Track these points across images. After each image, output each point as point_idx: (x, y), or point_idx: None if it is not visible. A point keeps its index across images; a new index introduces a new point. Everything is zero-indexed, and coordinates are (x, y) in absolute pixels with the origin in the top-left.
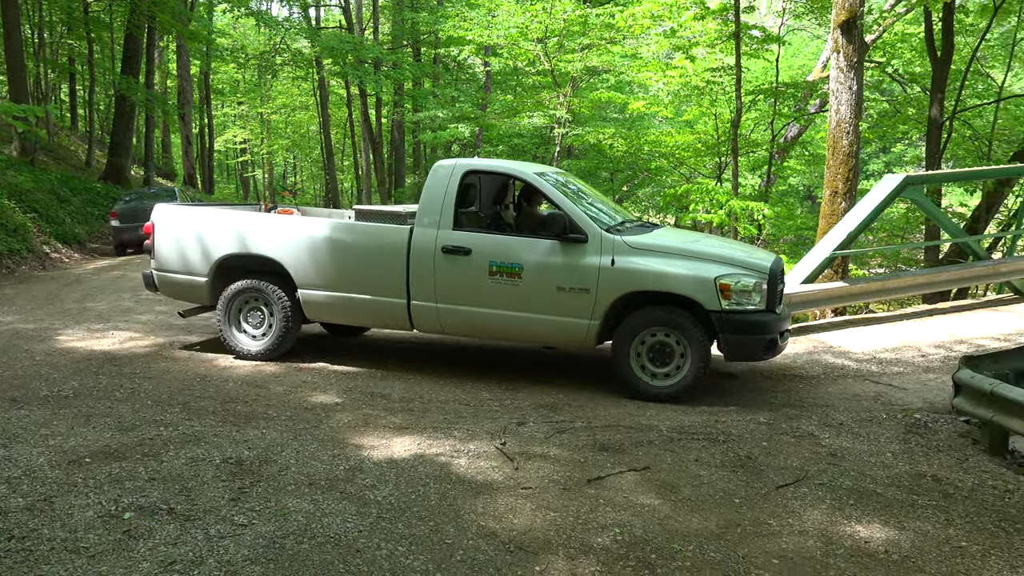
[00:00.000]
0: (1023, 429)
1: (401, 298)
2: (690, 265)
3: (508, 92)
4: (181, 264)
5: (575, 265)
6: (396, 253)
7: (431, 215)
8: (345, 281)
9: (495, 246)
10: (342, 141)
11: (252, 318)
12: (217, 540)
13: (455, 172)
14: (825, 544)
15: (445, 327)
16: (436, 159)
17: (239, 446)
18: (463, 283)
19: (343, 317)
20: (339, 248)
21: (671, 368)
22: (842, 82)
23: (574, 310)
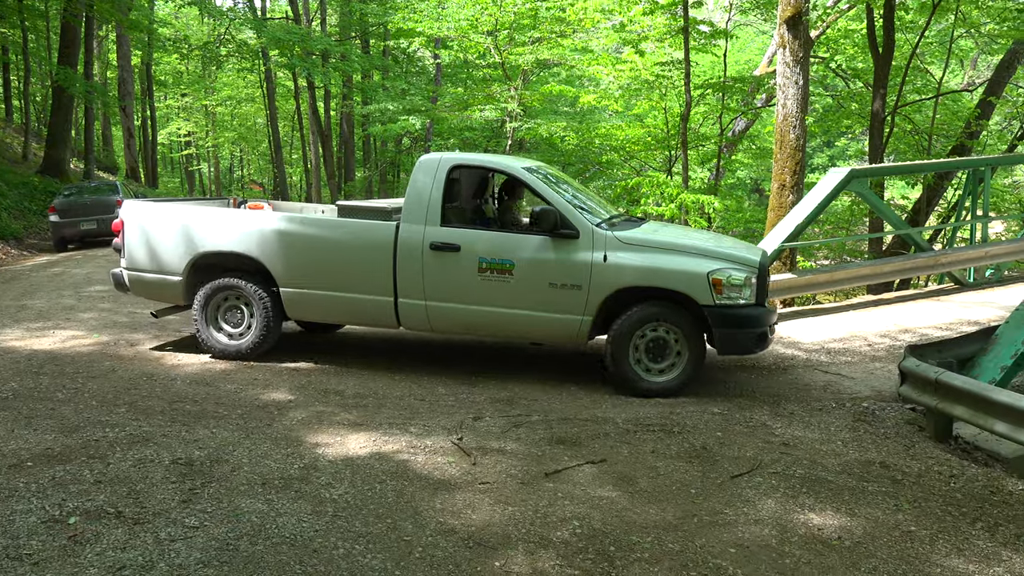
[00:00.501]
0: (967, 416)
1: (388, 296)
2: (682, 260)
3: (459, 85)
4: (153, 263)
5: (567, 261)
6: (382, 250)
7: (417, 211)
8: (328, 279)
9: (484, 242)
10: (290, 134)
11: (230, 317)
12: (168, 543)
13: (441, 167)
14: (780, 532)
15: (434, 325)
16: (386, 153)
17: (189, 446)
18: (452, 280)
19: (326, 315)
20: (322, 245)
21: (667, 364)
22: (788, 77)
23: (566, 306)
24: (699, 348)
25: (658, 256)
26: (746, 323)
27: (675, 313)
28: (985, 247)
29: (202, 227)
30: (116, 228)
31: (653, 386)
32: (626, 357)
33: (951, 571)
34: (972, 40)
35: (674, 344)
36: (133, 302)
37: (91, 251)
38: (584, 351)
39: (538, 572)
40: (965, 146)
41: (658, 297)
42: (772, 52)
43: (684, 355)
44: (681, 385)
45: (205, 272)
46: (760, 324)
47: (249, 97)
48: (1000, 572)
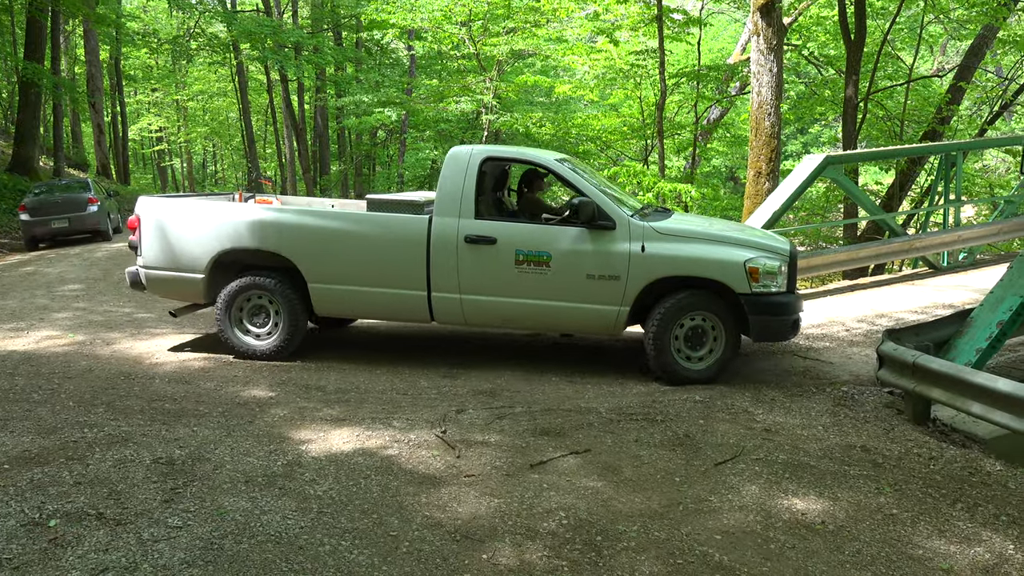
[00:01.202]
0: (944, 398)
1: (421, 290)
2: (718, 250)
3: (433, 77)
4: (173, 260)
5: (605, 252)
6: (415, 244)
7: (451, 204)
8: (359, 274)
9: (521, 235)
10: (264, 128)
11: (255, 315)
12: (151, 544)
13: (472, 159)
14: (765, 518)
15: (468, 318)
16: (362, 146)
17: (170, 445)
18: (488, 273)
19: (355, 311)
20: (352, 240)
21: (704, 351)
22: (763, 64)
23: (604, 297)
24: (735, 336)
25: (694, 246)
26: (780, 310)
27: (712, 302)
28: (958, 231)
29: (226, 223)
30: (132, 225)
31: (692, 374)
32: (668, 346)
33: (933, 552)
34: (941, 26)
35: (711, 332)
36: (108, 301)
37: (63, 250)
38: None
39: (525, 564)
40: (936, 131)
41: (693, 286)
42: (745, 40)
43: (720, 343)
44: (718, 372)
45: (227, 269)
46: (793, 311)
47: (221, 91)
48: (980, 552)
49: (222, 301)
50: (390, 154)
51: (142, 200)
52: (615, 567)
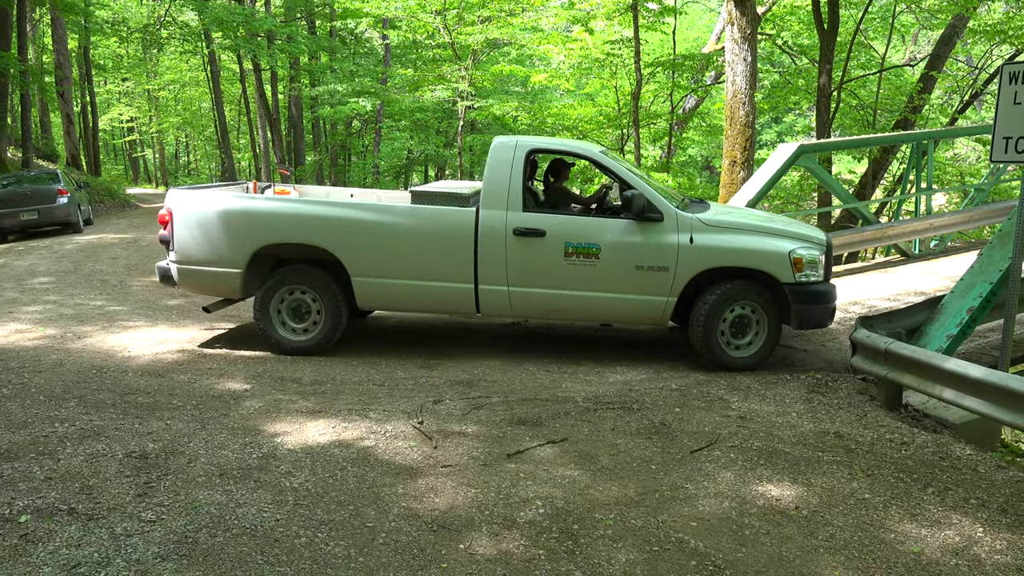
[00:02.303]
0: (916, 384)
1: (468, 283)
2: (764, 241)
3: (408, 66)
4: (209, 255)
5: (654, 244)
6: (463, 237)
7: (498, 196)
8: (404, 267)
9: (571, 227)
10: (237, 118)
11: (293, 309)
12: (124, 539)
13: (518, 151)
14: (740, 504)
15: (515, 310)
16: (337, 136)
17: (143, 439)
18: (537, 265)
19: (399, 304)
20: (398, 233)
21: (747, 340)
22: (737, 54)
23: (652, 288)
24: (777, 325)
25: (740, 237)
26: (820, 299)
27: (757, 292)
28: (929, 219)
29: (267, 217)
30: (163, 220)
31: (736, 361)
32: (716, 335)
33: (904, 536)
34: (913, 16)
35: (754, 321)
36: (80, 294)
37: (32, 242)
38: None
39: (503, 553)
40: (909, 120)
41: (738, 276)
42: (720, 29)
43: (763, 331)
44: (760, 360)
45: (266, 263)
46: (831, 299)
47: (193, 81)
48: (950, 535)
49: (262, 296)
50: (365, 144)
51: (174, 194)
52: (592, 555)
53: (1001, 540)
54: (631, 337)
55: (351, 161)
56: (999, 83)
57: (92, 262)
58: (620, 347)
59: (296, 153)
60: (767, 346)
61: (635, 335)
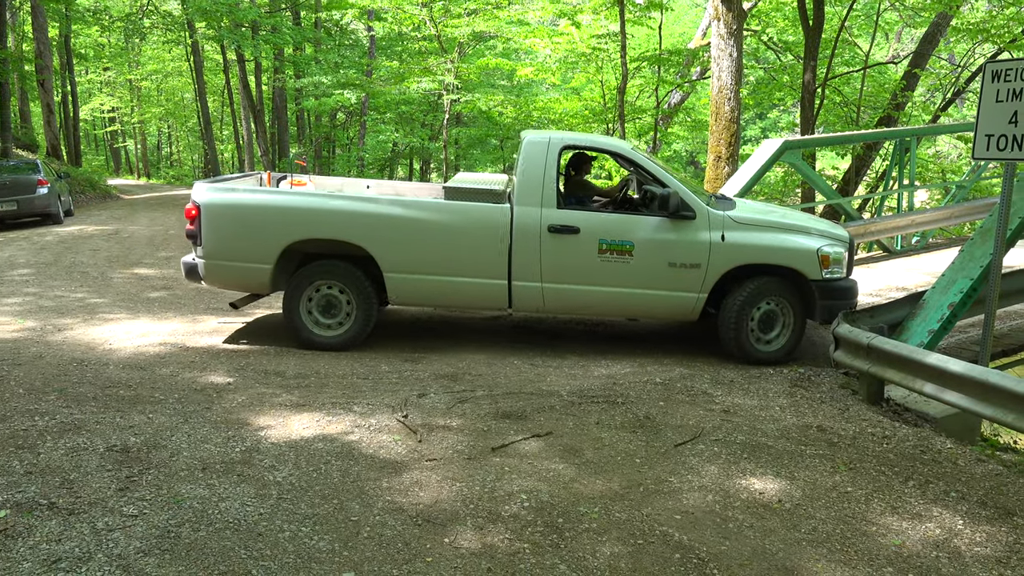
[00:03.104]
0: (897, 378)
1: (502, 279)
2: (792, 238)
3: (394, 58)
4: (238, 251)
5: (687, 241)
6: (498, 233)
7: (532, 193)
8: (438, 263)
9: (605, 224)
10: (220, 109)
11: (323, 305)
12: (105, 533)
13: (551, 148)
14: (724, 498)
15: (548, 307)
16: (321, 128)
17: (124, 432)
18: (571, 262)
19: (431, 300)
20: (433, 229)
21: (775, 334)
22: (723, 49)
23: (684, 285)
24: (802, 320)
25: (770, 235)
26: (845, 295)
27: (784, 287)
28: (911, 215)
29: (299, 213)
30: (190, 215)
31: (764, 355)
32: (746, 330)
33: (886, 528)
34: (897, 13)
35: (781, 316)
36: (60, 286)
37: (12, 233)
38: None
39: (488, 547)
40: (892, 117)
41: (767, 273)
42: (706, 25)
43: (789, 326)
44: (787, 354)
45: (296, 259)
46: (854, 295)
47: (176, 71)
48: (931, 528)
49: (291, 291)
50: (350, 136)
51: (201, 188)
52: (576, 549)
53: (981, 532)
54: (615, 332)
55: (335, 153)
56: (982, 81)
57: (73, 254)
58: (604, 341)
59: (280, 145)
60: (792, 340)
61: (619, 330)
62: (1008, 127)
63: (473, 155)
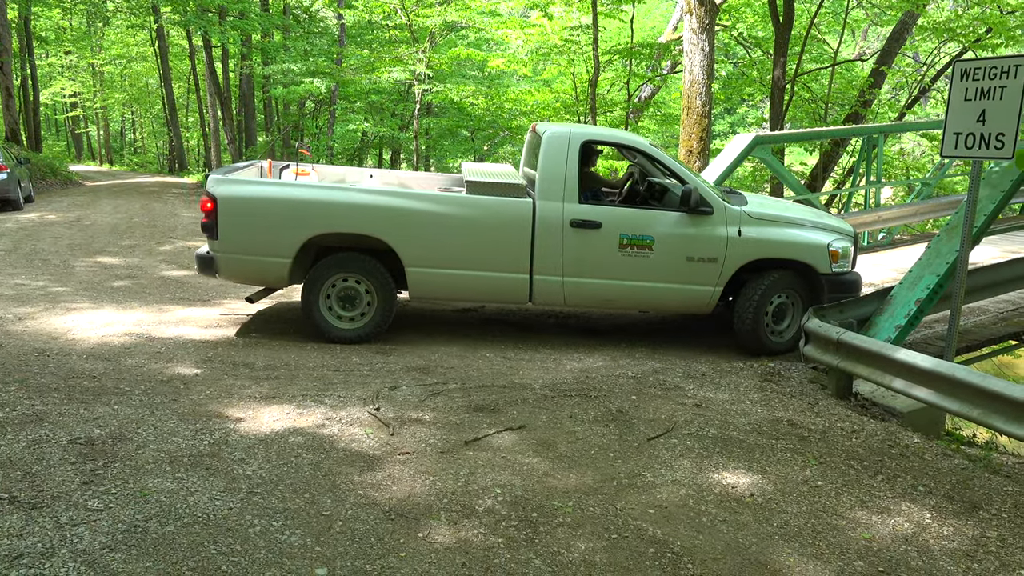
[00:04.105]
0: (866, 373)
1: (523, 273)
2: (805, 234)
3: (364, 47)
4: (256, 244)
5: (705, 236)
6: (520, 228)
7: (554, 188)
8: (460, 257)
9: (625, 219)
10: (186, 96)
11: (343, 297)
12: (69, 528)
13: (572, 143)
14: (697, 492)
15: (568, 300)
16: (289, 116)
17: (88, 424)
18: (592, 256)
19: (454, 294)
20: (455, 223)
21: (785, 325)
22: (695, 43)
23: (701, 278)
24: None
25: (784, 230)
26: (851, 287)
27: (795, 281)
28: (878, 211)
29: (320, 206)
30: (206, 207)
31: (777, 346)
32: (763, 322)
33: (856, 522)
34: (863, 11)
35: (791, 308)
36: (20, 274)
37: None
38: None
39: (462, 542)
40: (859, 114)
41: (779, 267)
42: (677, 19)
43: (797, 318)
44: (795, 345)
45: (315, 252)
46: (859, 288)
47: (140, 56)
48: (900, 522)
49: (309, 284)
50: (319, 125)
51: (217, 181)
52: (551, 543)
53: (948, 526)
54: (587, 325)
55: (304, 142)
56: (951, 79)
57: (33, 241)
58: (576, 334)
59: (247, 133)
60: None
61: (591, 323)
62: (976, 125)
63: (443, 146)
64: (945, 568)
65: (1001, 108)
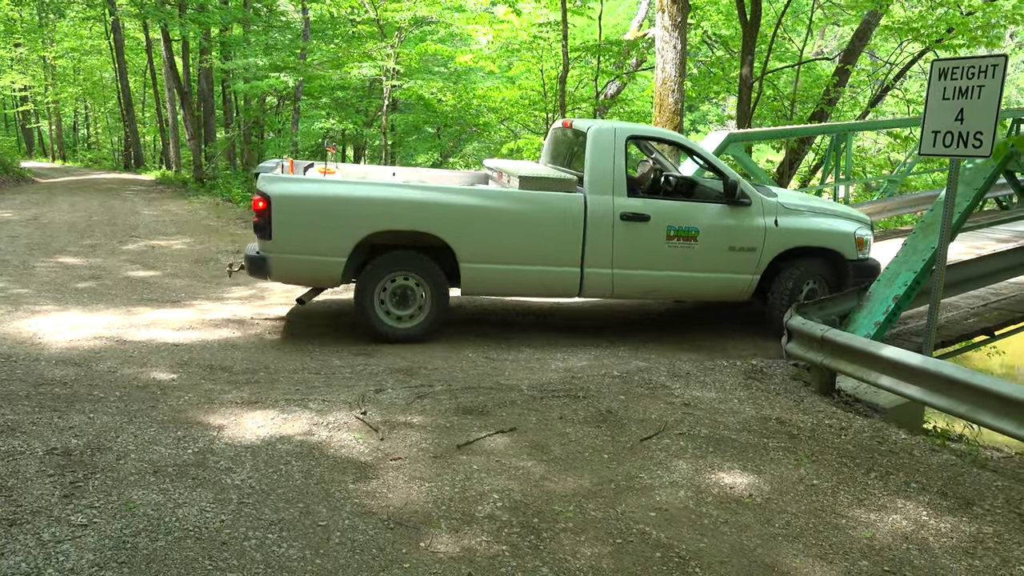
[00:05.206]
0: (851, 370)
1: (575, 267)
2: (834, 223)
3: (329, 42)
4: (311, 244)
5: (745, 227)
6: (572, 222)
7: (603, 182)
8: (513, 252)
9: (672, 211)
10: (142, 90)
11: (398, 296)
12: (53, 545)
13: (618, 138)
14: (695, 493)
15: (616, 292)
16: (250, 112)
17: (64, 434)
18: (640, 248)
19: (505, 289)
20: (509, 219)
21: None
22: (667, 41)
23: (741, 267)
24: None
25: (815, 220)
26: (872, 273)
27: (824, 268)
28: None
29: (376, 204)
30: (258, 207)
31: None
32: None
33: (855, 521)
34: (823, 11)
35: (819, 294)
36: None
37: None
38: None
39: (466, 550)
40: (824, 111)
41: (810, 255)
42: (642, 17)
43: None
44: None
45: (368, 251)
46: (878, 273)
47: (95, 49)
48: (898, 519)
49: (363, 283)
50: (282, 121)
51: (270, 179)
52: (556, 550)
53: (945, 523)
54: (568, 323)
55: (265, 138)
56: (929, 79)
57: None
58: (558, 332)
59: (206, 129)
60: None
61: (572, 320)
62: (954, 124)
63: (409, 143)
64: (948, 566)
65: (979, 107)
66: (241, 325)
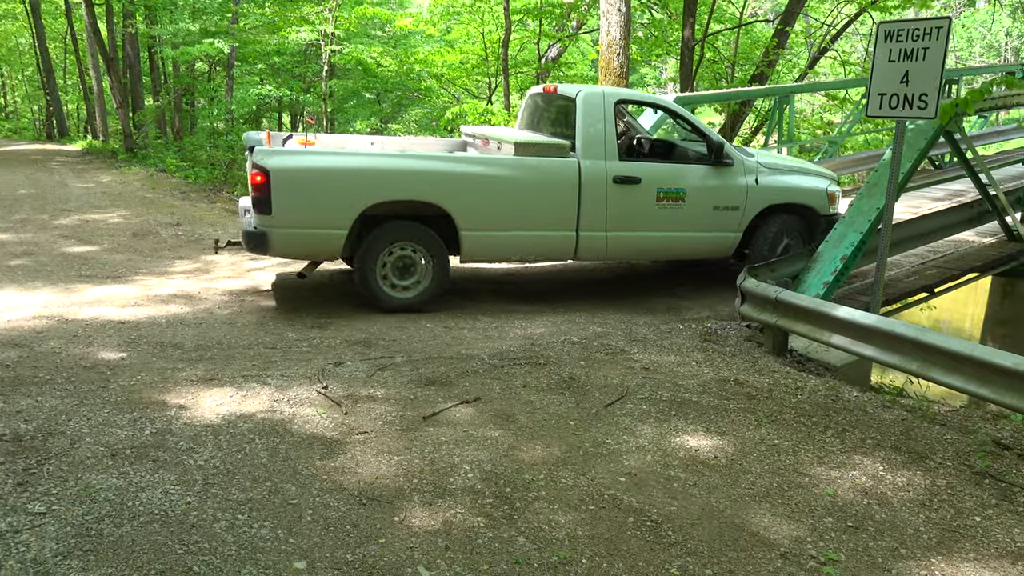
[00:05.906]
0: (805, 331)
1: (570, 230)
2: (808, 180)
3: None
4: (313, 217)
5: (728, 186)
6: (568, 186)
7: (596, 147)
8: (510, 218)
9: (661, 173)
10: (63, 57)
11: (399, 266)
12: (12, 536)
13: (607, 102)
14: (663, 457)
15: (610, 253)
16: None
17: (12, 419)
18: (632, 210)
19: (504, 255)
20: (507, 185)
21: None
22: (612, 3)
23: (725, 225)
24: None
25: (792, 178)
26: None
27: (799, 224)
28: None
29: (376, 175)
30: (255, 181)
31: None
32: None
33: (817, 479)
34: None
35: (795, 249)
36: None
37: None
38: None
39: (442, 523)
40: (764, 74)
41: (787, 212)
42: None
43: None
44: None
45: (369, 222)
46: None
47: (9, 14)
48: (857, 475)
49: (363, 255)
50: (215, 88)
51: (267, 153)
52: (531, 519)
53: (901, 477)
54: (523, 290)
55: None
56: (875, 41)
57: None
58: (514, 300)
59: (134, 97)
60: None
61: (527, 287)
62: (900, 86)
63: (347, 109)
64: (907, 519)
65: (924, 69)
66: (189, 300)
